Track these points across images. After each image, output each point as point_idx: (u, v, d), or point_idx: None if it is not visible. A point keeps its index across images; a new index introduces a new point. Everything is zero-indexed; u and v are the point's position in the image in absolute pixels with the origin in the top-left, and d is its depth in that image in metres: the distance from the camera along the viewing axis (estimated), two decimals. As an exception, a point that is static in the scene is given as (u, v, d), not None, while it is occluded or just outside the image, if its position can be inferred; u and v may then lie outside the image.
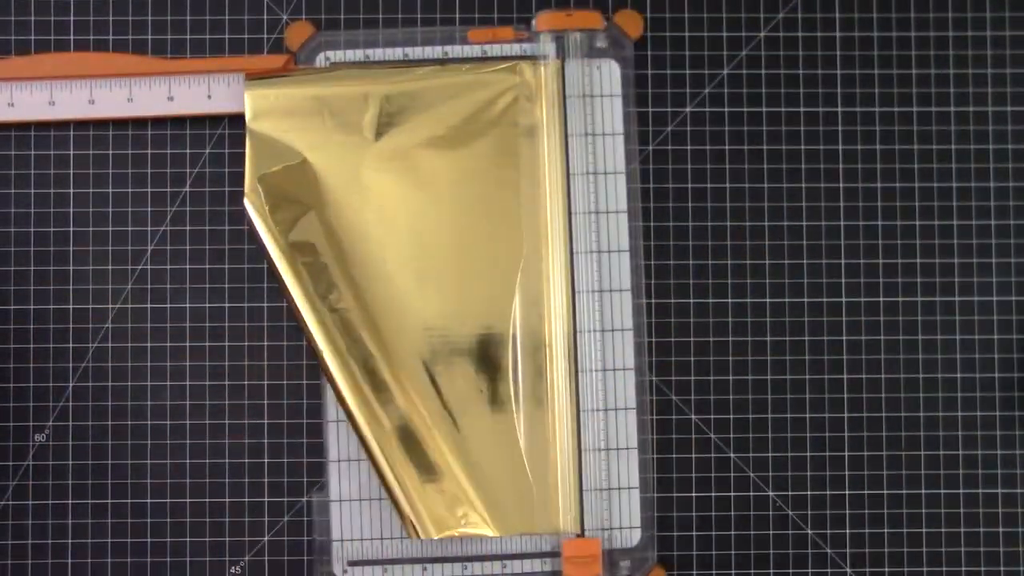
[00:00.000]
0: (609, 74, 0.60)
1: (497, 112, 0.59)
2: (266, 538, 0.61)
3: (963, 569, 0.61)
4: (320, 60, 0.60)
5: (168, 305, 0.61)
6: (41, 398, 0.61)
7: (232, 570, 0.61)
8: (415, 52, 0.61)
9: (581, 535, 0.58)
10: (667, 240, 0.62)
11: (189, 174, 0.61)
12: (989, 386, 0.62)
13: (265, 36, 0.62)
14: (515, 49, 0.61)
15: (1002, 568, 0.61)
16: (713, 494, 0.61)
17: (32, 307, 0.61)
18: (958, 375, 0.62)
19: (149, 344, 0.61)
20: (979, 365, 0.62)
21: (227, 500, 0.61)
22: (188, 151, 0.61)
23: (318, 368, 0.60)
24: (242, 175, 0.60)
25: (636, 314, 0.61)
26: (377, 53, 0.61)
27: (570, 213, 0.59)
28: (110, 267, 0.61)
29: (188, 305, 0.61)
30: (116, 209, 0.61)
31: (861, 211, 0.62)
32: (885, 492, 0.62)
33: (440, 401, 0.58)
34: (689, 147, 0.62)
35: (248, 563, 0.61)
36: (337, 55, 0.61)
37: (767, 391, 0.62)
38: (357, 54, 0.61)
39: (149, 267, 0.61)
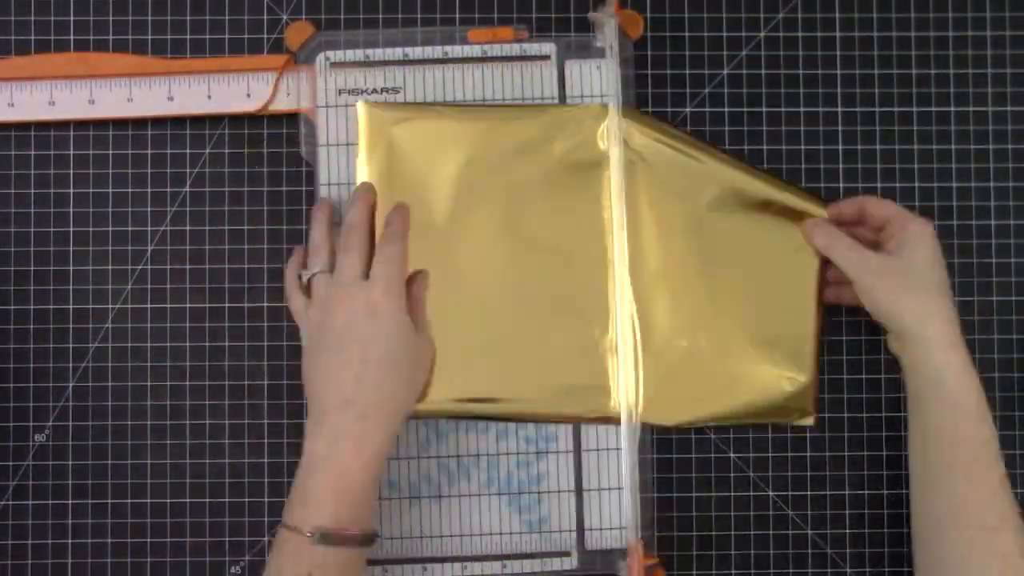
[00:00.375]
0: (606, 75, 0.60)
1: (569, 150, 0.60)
2: (266, 538, 0.61)
3: (963, 569, 0.61)
4: (320, 60, 0.60)
5: (168, 305, 0.61)
6: (41, 398, 0.61)
7: (232, 570, 0.61)
8: (415, 52, 0.61)
9: None
10: (667, 240, 0.62)
11: (189, 174, 0.61)
12: (989, 386, 0.62)
13: (265, 36, 0.62)
14: (515, 49, 0.61)
15: (1002, 568, 0.61)
16: (713, 494, 0.61)
17: (32, 307, 0.61)
18: (958, 375, 0.62)
19: (149, 344, 0.61)
20: (979, 365, 0.62)
21: (227, 500, 0.61)
22: (188, 151, 0.61)
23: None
24: (241, 175, 0.61)
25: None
26: (377, 53, 0.61)
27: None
28: (110, 267, 0.61)
29: (188, 305, 0.61)
30: (116, 209, 0.61)
31: (861, 211, 0.62)
32: (885, 492, 0.62)
33: None
34: (689, 147, 0.62)
35: (248, 563, 0.61)
36: (337, 55, 0.61)
37: (767, 391, 0.62)
38: (357, 54, 0.61)
39: (149, 267, 0.61)
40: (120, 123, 0.61)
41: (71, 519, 0.60)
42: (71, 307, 0.61)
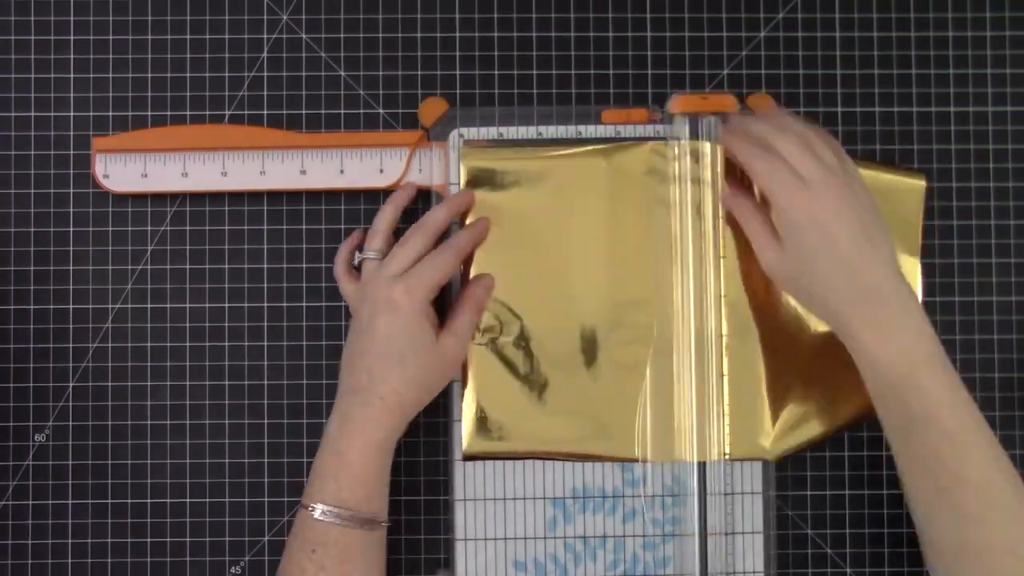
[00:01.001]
0: None
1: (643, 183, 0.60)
2: (266, 538, 0.61)
3: (963, 569, 0.61)
4: (453, 137, 0.60)
5: (168, 305, 0.61)
6: (41, 398, 0.61)
7: (232, 570, 0.61)
8: (548, 131, 0.61)
9: None
10: (667, 240, 0.62)
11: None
12: (989, 386, 0.62)
13: (265, 36, 0.62)
14: (648, 130, 0.60)
15: (1002, 568, 0.61)
16: (713, 494, 0.61)
17: (32, 307, 0.61)
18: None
19: (149, 344, 0.61)
20: (979, 365, 0.62)
21: (227, 500, 0.61)
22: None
23: (317, 368, 0.61)
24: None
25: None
26: (510, 131, 0.61)
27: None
28: (110, 267, 0.61)
29: (188, 305, 0.61)
30: (116, 209, 0.61)
31: (861, 211, 0.62)
32: (885, 492, 0.62)
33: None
34: (689, 147, 0.62)
35: (248, 563, 0.61)
36: (471, 132, 0.60)
37: (767, 391, 0.62)
38: (490, 131, 0.60)
39: (149, 267, 0.61)
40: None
41: (71, 519, 0.60)
42: (71, 307, 0.61)
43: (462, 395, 0.59)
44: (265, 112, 0.61)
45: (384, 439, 0.54)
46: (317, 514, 0.52)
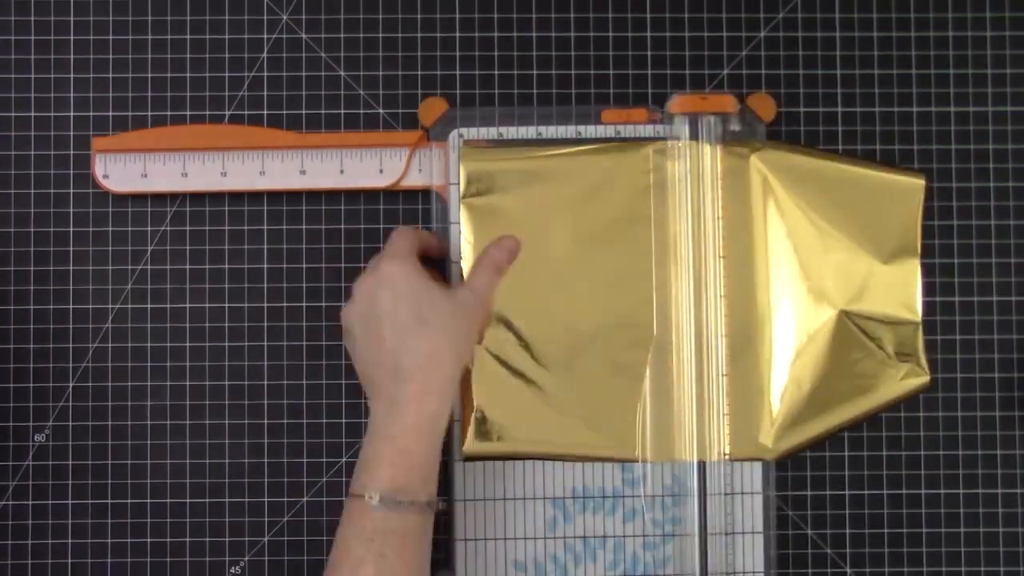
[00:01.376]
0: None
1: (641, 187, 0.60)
2: (266, 538, 0.61)
3: (963, 569, 0.61)
4: (453, 137, 0.60)
5: (168, 305, 0.61)
6: (41, 398, 0.61)
7: (232, 570, 0.61)
8: (548, 131, 0.61)
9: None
10: (667, 240, 0.62)
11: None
12: (989, 386, 0.62)
13: (265, 36, 0.62)
14: (648, 130, 0.61)
15: (1002, 568, 0.61)
16: (713, 494, 0.61)
17: (32, 307, 0.61)
18: (958, 375, 0.62)
19: (149, 344, 0.61)
20: (979, 365, 0.62)
21: (227, 500, 0.61)
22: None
23: (317, 368, 0.61)
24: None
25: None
26: (510, 131, 0.61)
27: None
28: (110, 267, 0.61)
29: (188, 305, 0.61)
30: (116, 209, 0.61)
31: (861, 211, 0.62)
32: (885, 492, 0.62)
33: None
34: (689, 147, 0.62)
35: (248, 563, 0.61)
36: (470, 132, 0.60)
37: (767, 391, 0.62)
38: (490, 132, 0.61)
39: (149, 267, 0.61)
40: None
41: (71, 519, 0.60)
42: (71, 307, 0.61)
43: (462, 395, 0.59)
44: (265, 112, 0.61)
45: (437, 413, 0.53)
46: (375, 502, 0.51)
